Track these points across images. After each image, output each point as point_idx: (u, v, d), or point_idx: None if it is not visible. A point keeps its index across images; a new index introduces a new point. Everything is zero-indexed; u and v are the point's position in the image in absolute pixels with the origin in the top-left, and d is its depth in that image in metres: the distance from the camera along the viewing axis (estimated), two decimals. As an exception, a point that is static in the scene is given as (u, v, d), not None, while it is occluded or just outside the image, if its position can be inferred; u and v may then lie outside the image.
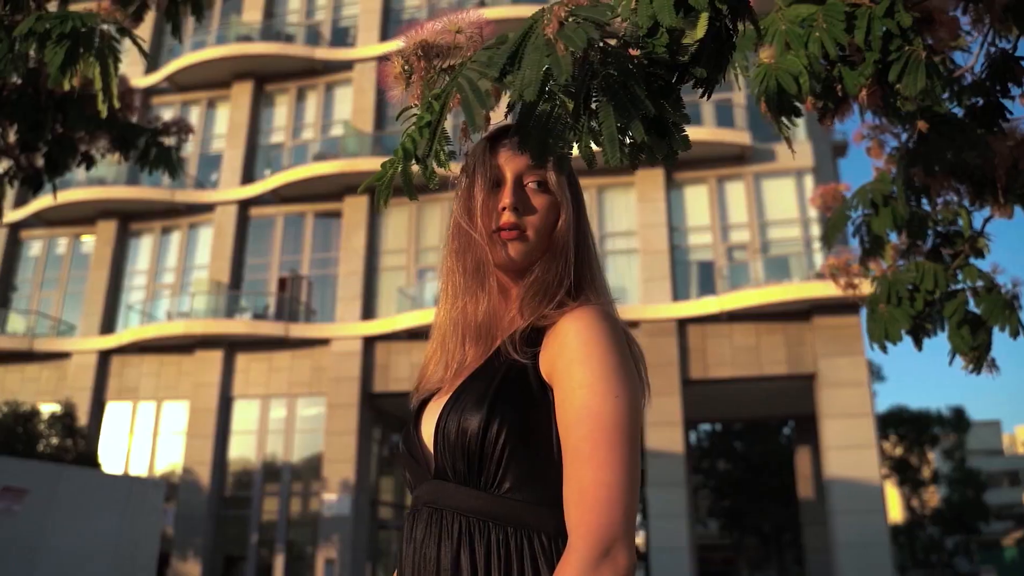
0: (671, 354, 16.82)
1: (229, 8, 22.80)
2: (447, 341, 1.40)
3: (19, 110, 4.00)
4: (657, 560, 16.26)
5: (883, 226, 3.01)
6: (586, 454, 1.13)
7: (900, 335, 2.87)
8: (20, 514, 9.37)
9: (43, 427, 16.71)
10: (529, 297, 1.32)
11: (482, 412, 1.21)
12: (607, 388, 1.16)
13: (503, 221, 1.34)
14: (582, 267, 1.38)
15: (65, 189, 20.19)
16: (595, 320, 1.23)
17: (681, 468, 16.50)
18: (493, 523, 1.19)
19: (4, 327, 20.94)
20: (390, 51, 1.50)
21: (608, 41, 1.29)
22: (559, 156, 1.44)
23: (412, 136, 1.38)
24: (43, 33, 2.82)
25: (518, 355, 1.26)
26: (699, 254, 18.06)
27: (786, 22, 2.08)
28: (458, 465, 1.22)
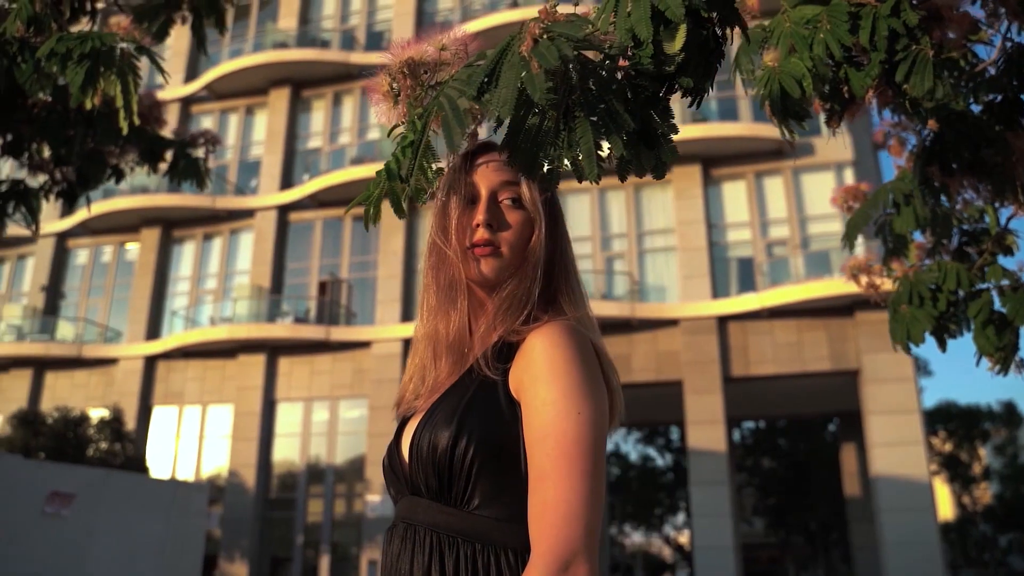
0: (712, 352, 16.68)
1: (265, 16, 23.07)
2: (423, 357, 1.41)
3: (49, 126, 4.09)
4: (701, 559, 16.13)
5: (906, 225, 2.96)
6: (548, 471, 1.14)
7: (923, 336, 2.82)
8: (69, 518, 9.57)
9: (92, 432, 17.04)
10: (501, 312, 1.33)
11: (451, 429, 1.22)
12: (569, 405, 1.16)
13: (477, 238, 1.35)
14: (558, 281, 1.38)
15: (109, 198, 20.63)
16: (560, 336, 1.23)
17: (724, 466, 16.36)
18: (462, 539, 1.20)
19: (54, 334, 21.40)
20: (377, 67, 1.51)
21: (586, 54, 1.28)
22: (549, 170, 1.44)
23: (396, 156, 1.38)
24: (64, 54, 2.88)
25: (489, 371, 1.27)
26: (738, 250, 17.89)
27: (791, 24, 2.05)
28: (430, 481, 1.24)
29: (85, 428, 16.90)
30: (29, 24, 3.09)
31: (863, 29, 1.96)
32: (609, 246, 18.71)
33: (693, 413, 16.57)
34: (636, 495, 34.10)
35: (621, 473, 34.26)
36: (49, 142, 4.26)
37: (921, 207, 2.80)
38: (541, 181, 1.46)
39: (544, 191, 1.42)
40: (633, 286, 18.11)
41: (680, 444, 29.03)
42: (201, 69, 22.41)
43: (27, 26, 3.09)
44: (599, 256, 18.57)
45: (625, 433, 33.42)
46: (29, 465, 10.04)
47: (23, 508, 9.08)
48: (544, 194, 1.41)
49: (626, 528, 37.01)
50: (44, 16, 3.09)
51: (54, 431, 16.51)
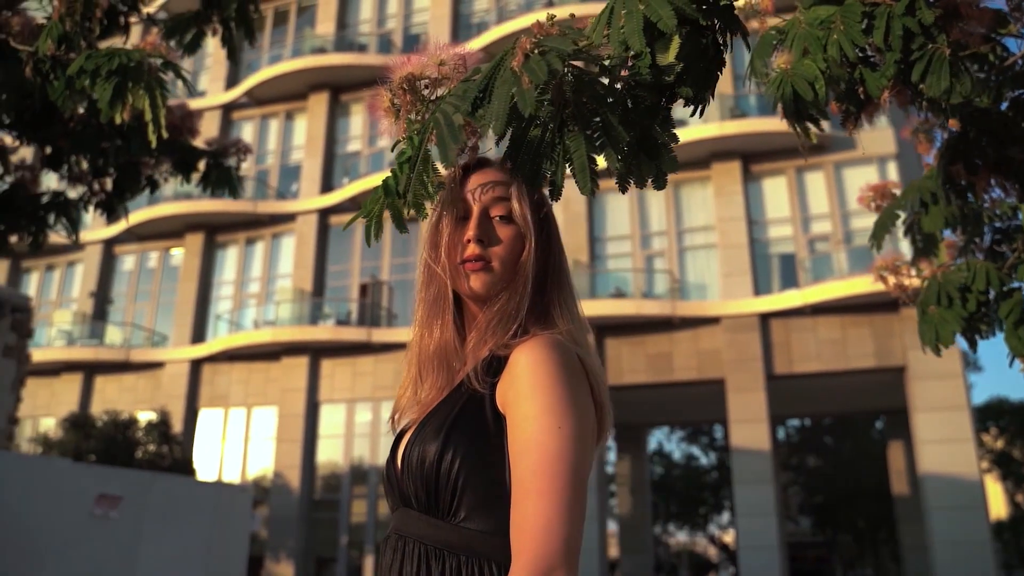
0: (754, 350, 16.52)
1: (303, 22, 23.32)
2: (412, 371, 1.43)
3: (84, 140, 4.17)
4: (746, 559, 15.98)
5: (934, 224, 2.90)
6: (529, 485, 1.15)
7: (952, 338, 2.76)
8: (117, 520, 9.75)
9: (141, 435, 17.34)
10: (492, 326, 1.34)
11: (438, 442, 1.24)
12: (551, 421, 1.17)
13: (467, 253, 1.37)
14: (550, 294, 1.39)
15: (154, 205, 21.01)
16: (544, 351, 1.24)
17: (768, 465, 16.18)
18: (448, 551, 1.22)
19: (103, 339, 21.83)
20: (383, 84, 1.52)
21: (577, 64, 1.28)
22: (552, 181, 1.44)
23: (395, 172, 1.39)
24: (93, 70, 2.94)
25: (478, 385, 1.28)
26: (780, 247, 17.68)
27: (805, 25, 2.02)
28: (419, 494, 1.26)
29: (134, 431, 17.20)
30: (60, 42, 3.16)
31: (877, 29, 1.93)
32: (649, 244, 18.61)
33: (736, 412, 16.42)
34: (680, 494, 33.87)
35: (665, 472, 34.06)
36: (85, 155, 4.36)
37: (944, 206, 2.75)
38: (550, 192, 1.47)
39: (538, 207, 1.42)
40: (674, 284, 18.00)
41: (724, 443, 28.80)
42: (241, 76, 22.72)
43: (58, 44, 3.16)
44: (639, 254, 18.48)
45: (668, 432, 33.24)
46: (77, 468, 10.24)
47: (72, 511, 9.27)
48: (539, 210, 1.41)
49: (670, 527, 36.79)
50: (74, 34, 3.16)
51: (104, 434, 16.83)
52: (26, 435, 20.42)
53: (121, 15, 4.42)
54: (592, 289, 18.33)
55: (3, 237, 5.19)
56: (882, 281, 3.05)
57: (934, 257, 3.02)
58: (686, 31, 1.40)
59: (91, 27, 3.31)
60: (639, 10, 1.29)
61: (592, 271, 18.51)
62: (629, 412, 21.05)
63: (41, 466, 10.15)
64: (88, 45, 3.24)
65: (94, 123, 4.09)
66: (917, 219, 3.04)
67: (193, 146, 4.78)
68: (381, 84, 1.47)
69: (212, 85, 23.06)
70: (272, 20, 23.84)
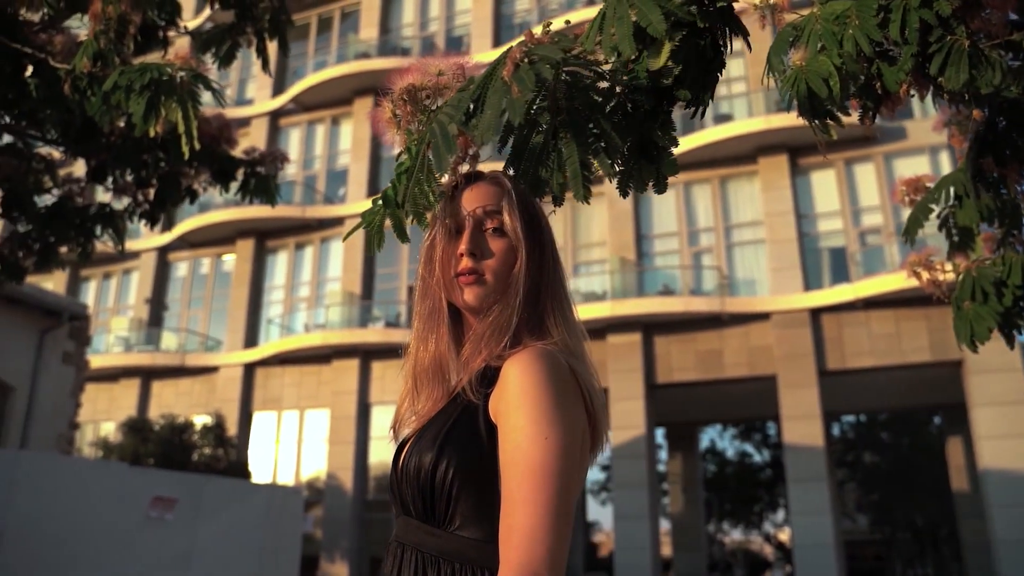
0: (805, 345, 16.29)
1: (347, 27, 23.55)
2: (409, 383, 1.46)
3: (124, 153, 4.28)
4: (802, 557, 15.76)
5: (968, 218, 2.84)
6: (516, 495, 1.17)
7: (988, 333, 2.70)
8: (172, 522, 9.97)
9: (197, 438, 17.67)
10: (486, 338, 1.36)
11: (432, 452, 1.27)
12: (537, 431, 1.19)
13: (461, 267, 1.39)
14: (544, 305, 1.40)
15: (205, 212, 21.41)
16: (533, 362, 1.26)
17: (822, 462, 15.93)
18: (443, 560, 1.25)
19: (158, 344, 22.30)
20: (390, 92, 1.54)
21: (574, 70, 1.28)
22: (559, 187, 1.44)
23: (394, 182, 1.41)
24: (127, 86, 3.01)
25: (473, 396, 1.31)
26: (830, 240, 17.41)
27: (821, 21, 1.99)
28: (416, 503, 1.29)
29: (190, 434, 17.54)
30: (95, 59, 3.24)
31: (893, 22, 1.89)
32: (696, 241, 18.46)
33: (788, 408, 16.21)
34: (734, 492, 33.48)
35: (718, 470, 33.70)
36: (126, 167, 4.46)
37: (975, 200, 2.68)
38: (552, 200, 1.47)
39: (530, 220, 1.43)
40: (722, 280, 17.83)
41: (777, 439, 28.43)
42: (288, 83, 23.03)
43: (93, 61, 3.24)
44: (687, 251, 18.34)
45: (721, 430, 32.91)
46: (133, 471, 10.48)
47: (128, 512, 9.50)
48: (531, 222, 1.42)
49: (725, 526, 36.39)
50: (108, 51, 3.23)
51: (161, 437, 17.18)
52: (87, 439, 20.93)
53: (160, 30, 4.52)
54: (640, 287, 18.24)
55: (53, 248, 5.34)
56: (915, 277, 2.99)
57: (971, 251, 2.95)
58: (683, 34, 1.39)
59: (125, 44, 3.40)
60: (629, 16, 1.28)
61: (639, 269, 18.42)
62: (679, 410, 20.91)
63: (99, 469, 10.41)
64: (122, 61, 3.32)
65: (133, 136, 4.18)
66: (952, 213, 2.98)
67: (231, 155, 4.86)
68: (383, 95, 1.49)
69: (259, 93, 23.41)
70: (316, 27, 24.12)
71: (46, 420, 13.04)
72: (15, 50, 3.77)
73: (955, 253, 2.99)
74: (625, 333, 17.72)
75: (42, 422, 12.95)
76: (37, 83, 3.73)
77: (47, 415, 13.07)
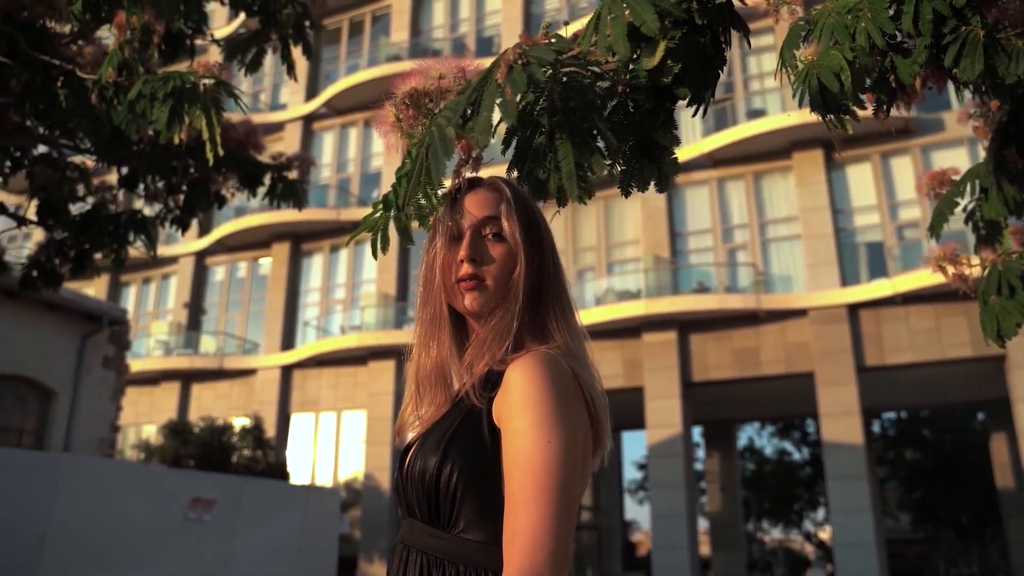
0: (843, 341, 16.09)
1: (378, 31, 23.69)
2: (412, 388, 1.48)
3: (153, 160, 4.35)
4: (842, 556, 15.59)
5: (995, 211, 2.79)
6: (519, 497, 1.19)
7: (1015, 329, 2.65)
8: (211, 522, 10.10)
9: (236, 440, 17.88)
10: (488, 342, 1.38)
11: (437, 456, 1.29)
12: (540, 435, 1.20)
13: (461, 272, 1.40)
14: (546, 308, 1.41)
15: (241, 216, 21.66)
16: (535, 367, 1.27)
17: (862, 459, 15.74)
18: (448, 561, 1.27)
19: (197, 348, 22.60)
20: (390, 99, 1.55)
21: (572, 70, 1.28)
22: (557, 188, 1.44)
23: (395, 186, 1.42)
24: (151, 94, 3.06)
25: (476, 400, 1.33)
26: (867, 235, 17.18)
27: (834, 14, 1.97)
28: (421, 505, 1.31)
29: (229, 436, 17.75)
30: (120, 69, 3.30)
31: (906, 14, 1.87)
32: (731, 237, 18.33)
33: (827, 405, 16.04)
34: (773, 490, 33.11)
35: (756, 468, 33.38)
36: (155, 174, 4.53)
37: (998, 193, 2.63)
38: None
39: (529, 224, 1.44)
40: (758, 277, 17.68)
41: (816, 437, 28.11)
42: (320, 87, 23.21)
43: (118, 71, 3.30)
44: (721, 248, 18.21)
45: (759, 428, 32.61)
46: (171, 473, 10.65)
47: (168, 514, 9.65)
48: (530, 227, 1.43)
49: (764, 524, 36.00)
50: (132, 61, 3.29)
51: (201, 440, 17.41)
52: (130, 442, 21.27)
53: (187, 38, 4.59)
54: (674, 285, 18.15)
55: (88, 254, 5.44)
56: (941, 272, 2.94)
57: (998, 244, 2.90)
58: (683, 31, 1.38)
59: (150, 53, 3.46)
60: (624, 15, 1.28)
61: (674, 267, 18.32)
62: (716, 408, 20.77)
63: (138, 472, 10.58)
64: (147, 70, 3.38)
65: (161, 144, 4.24)
66: (978, 206, 2.93)
67: (258, 161, 4.92)
68: (386, 100, 1.50)
69: (292, 98, 23.62)
70: (348, 31, 24.28)
71: (88, 424, 13.28)
72: (44, 62, 3.85)
73: (982, 247, 2.94)
74: (660, 331, 17.64)
75: (84, 426, 13.18)
76: (66, 94, 3.81)
77: (89, 419, 13.31)
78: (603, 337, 18.32)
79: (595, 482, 22.82)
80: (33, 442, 12.66)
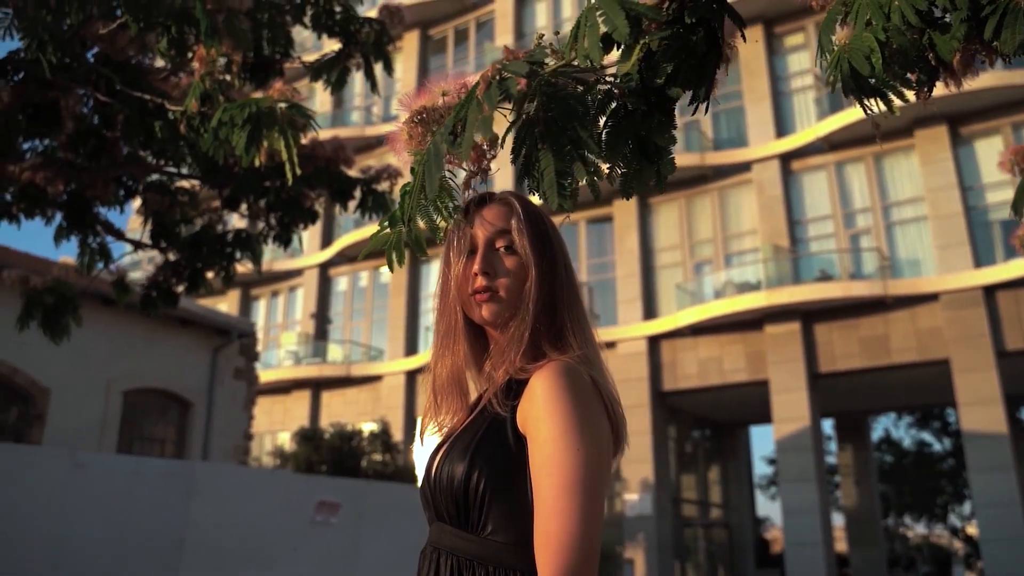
0: (980, 326, 15.30)
1: (483, 36, 23.97)
2: (430, 398, 1.56)
3: (246, 181, 4.58)
4: (990, 551, 14.82)
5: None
6: (550, 504, 1.25)
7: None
8: (336, 526, 10.46)
9: (365, 444, 18.41)
10: (504, 352, 1.45)
11: (465, 462, 1.36)
12: (568, 443, 1.27)
13: (476, 285, 1.48)
14: (562, 317, 1.47)
15: (360, 228, 22.34)
16: (557, 377, 1.33)
17: (1007, 450, 14.90)
18: (477, 562, 1.33)
19: (325, 356, 23.41)
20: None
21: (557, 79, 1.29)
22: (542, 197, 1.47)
23: (400, 203, 1.47)
24: (229, 121, 3.23)
25: (500, 409, 1.39)
26: (1001, 212, 16.23)
27: (869, -5, 1.91)
28: (450, 510, 1.37)
29: (358, 441, 18.29)
30: (203, 100, 3.50)
31: (940, -12, 1.79)
32: (853, 222, 17.69)
33: (965, 393, 15.28)
34: (914, 484, 31.61)
35: (895, 461, 31.97)
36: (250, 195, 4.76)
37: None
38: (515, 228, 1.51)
39: (539, 236, 1.50)
40: (883, 262, 17.00)
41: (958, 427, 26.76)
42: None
43: (201, 101, 3.50)
44: (843, 234, 17.61)
45: (895, 418, 31.28)
46: (298, 478, 11.09)
47: (295, 517, 10.05)
48: (540, 239, 1.49)
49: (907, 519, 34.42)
50: (213, 91, 3.48)
51: (331, 445, 18.01)
52: (266, 448, 22.21)
53: (276, 63, 4.80)
54: (795, 274, 17.66)
55: (200, 273, 5.76)
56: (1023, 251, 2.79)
57: (1092, 221, 2.72)
58: (673, 31, 1.38)
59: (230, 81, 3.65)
60: (598, 23, 1.29)
61: (794, 255, 17.83)
62: (845, 400, 20.08)
63: (266, 477, 11.06)
64: (227, 98, 3.57)
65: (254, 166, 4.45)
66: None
67: (348, 175, 5.09)
68: (398, 119, 1.56)
69: (405, 109, 24.14)
70: (453, 39, 24.66)
71: (223, 432, 13.97)
72: (138, 98, 4.12)
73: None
74: (783, 323, 17.20)
75: (219, 434, 13.87)
76: (161, 125, 4.07)
77: (224, 428, 14.00)
78: (724, 331, 18.00)
79: (723, 478, 22.41)
80: (174, 451, 13.41)
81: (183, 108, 3.59)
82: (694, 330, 18.15)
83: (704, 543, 21.15)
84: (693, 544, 20.69)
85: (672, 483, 19.30)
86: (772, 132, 18.60)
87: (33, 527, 7.94)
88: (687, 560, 20.12)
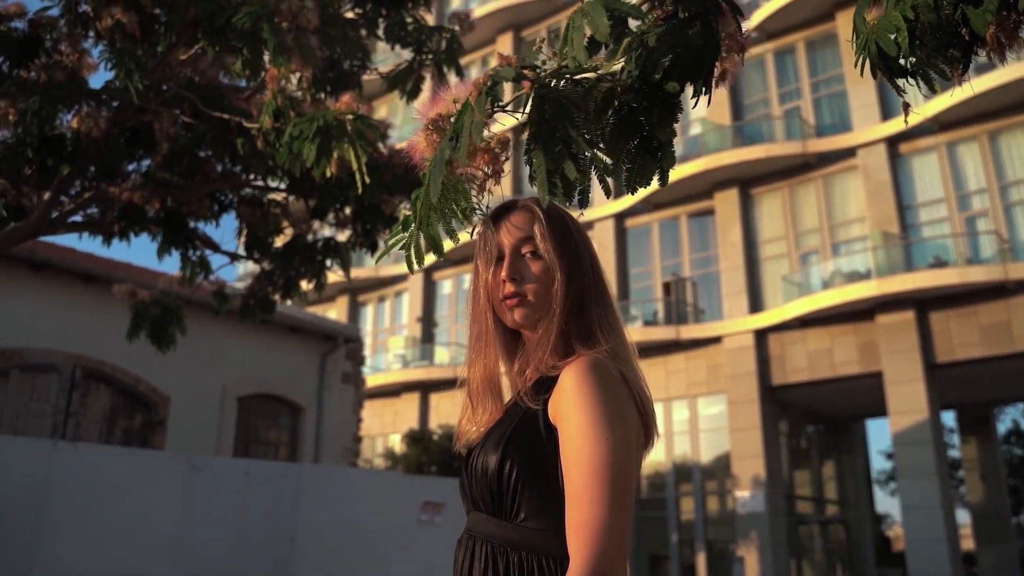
0: (1112, 308, 14.43)
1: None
2: (467, 400, 1.65)
3: (327, 191, 4.75)
4: None
5: None
6: (581, 492, 1.31)
7: None
8: (441, 524, 10.67)
9: (473, 445, 18.65)
10: (534, 351, 1.53)
11: (498, 453, 1.44)
12: (598, 434, 1.33)
13: (505, 291, 1.55)
14: (590, 314, 1.53)
15: (462, 231, 22.61)
16: (586, 371, 1.40)
17: None
18: (511, 548, 1.41)
19: (432, 359, 23.82)
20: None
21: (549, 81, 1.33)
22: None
23: (412, 207, 1.53)
24: (299, 134, 3.38)
25: (531, 403, 1.46)
26: None
27: (899, -26, 1.87)
28: (485, 499, 1.46)
29: (466, 442, 18.54)
30: (276, 116, 3.67)
31: (969, -38, 1.74)
32: (967, 205, 16.94)
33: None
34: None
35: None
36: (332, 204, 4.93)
37: None
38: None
39: (563, 239, 1.56)
40: (1002, 245, 16.22)
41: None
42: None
43: (274, 118, 3.67)
44: (957, 218, 16.88)
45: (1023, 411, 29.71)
46: (404, 479, 11.36)
47: (403, 517, 10.31)
48: (564, 242, 1.56)
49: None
50: (284, 108, 3.64)
51: (440, 447, 18.35)
52: (377, 451, 22.76)
53: (353, 74, 4.97)
54: (907, 261, 17.02)
55: (294, 281, 6.00)
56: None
57: None
58: (669, 25, 1.39)
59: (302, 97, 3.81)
60: (584, 26, 1.33)
61: (905, 242, 17.19)
62: (966, 391, 19.20)
63: (372, 478, 11.36)
64: (297, 113, 3.73)
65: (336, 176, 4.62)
66: None
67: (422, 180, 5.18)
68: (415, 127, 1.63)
69: (503, 111, 24.39)
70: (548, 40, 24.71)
71: (333, 435, 14.40)
72: (218, 118, 4.34)
73: None
74: (896, 312, 16.61)
75: (330, 437, 14.31)
76: (243, 142, 4.28)
77: (333, 431, 14.43)
78: (833, 322, 17.50)
79: (838, 473, 21.77)
80: (288, 455, 13.91)
81: (259, 125, 3.77)
82: (802, 322, 17.71)
83: (821, 541, 20.58)
84: (809, 542, 20.17)
85: (785, 479, 18.86)
86: (877, 115, 17.99)
87: (153, 528, 8.39)
88: (803, 558, 19.64)
